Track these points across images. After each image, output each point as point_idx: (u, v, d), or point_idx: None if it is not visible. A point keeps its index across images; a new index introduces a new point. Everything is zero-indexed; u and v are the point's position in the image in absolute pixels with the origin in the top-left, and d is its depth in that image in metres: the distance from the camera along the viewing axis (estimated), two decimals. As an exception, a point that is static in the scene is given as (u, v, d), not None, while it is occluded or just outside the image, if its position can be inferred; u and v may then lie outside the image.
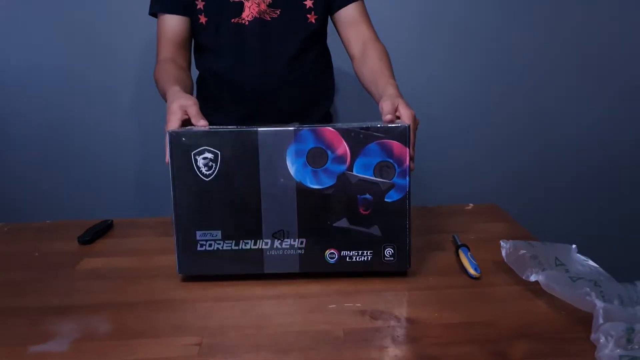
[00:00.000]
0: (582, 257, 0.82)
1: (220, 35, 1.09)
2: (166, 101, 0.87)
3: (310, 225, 0.78)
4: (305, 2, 1.09)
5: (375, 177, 0.76)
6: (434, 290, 0.78)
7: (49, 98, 1.66)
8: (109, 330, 0.68)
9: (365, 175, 0.76)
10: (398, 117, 0.81)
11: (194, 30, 1.11)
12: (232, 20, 1.07)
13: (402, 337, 0.65)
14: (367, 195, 0.77)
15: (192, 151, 0.76)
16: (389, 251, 0.79)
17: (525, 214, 1.42)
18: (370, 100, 1.10)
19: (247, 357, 0.62)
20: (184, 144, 0.76)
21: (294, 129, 0.76)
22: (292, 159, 0.76)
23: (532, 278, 0.74)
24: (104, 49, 1.64)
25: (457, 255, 0.88)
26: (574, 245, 0.84)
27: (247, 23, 1.07)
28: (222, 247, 0.79)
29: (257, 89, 1.11)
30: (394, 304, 0.73)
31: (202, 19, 1.08)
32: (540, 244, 0.83)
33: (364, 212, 0.78)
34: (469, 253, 0.86)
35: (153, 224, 1.07)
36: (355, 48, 1.10)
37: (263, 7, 1.06)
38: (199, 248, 0.79)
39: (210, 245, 0.79)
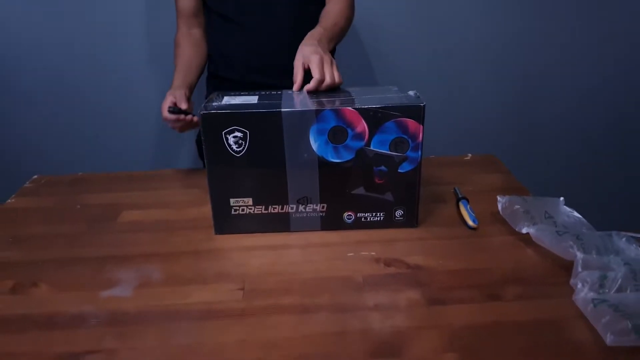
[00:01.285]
0: (568, 209, 0.93)
1: (225, 2, 1.16)
2: None
3: (331, 192, 0.88)
4: None
5: (391, 151, 0.84)
6: (437, 240, 0.88)
7: (58, 50, 1.66)
8: (161, 277, 0.79)
9: (381, 150, 0.84)
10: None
11: None
12: None
13: (413, 283, 0.77)
14: (383, 167, 0.86)
15: (223, 130, 0.83)
16: (399, 212, 0.90)
17: (519, 161, 1.51)
18: (369, 53, 1.07)
19: (287, 300, 0.73)
20: (215, 124, 0.82)
21: (316, 109, 0.82)
22: (314, 136, 0.83)
23: (524, 230, 0.86)
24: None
25: (458, 207, 0.98)
26: (561, 198, 0.95)
27: None
28: (254, 211, 0.88)
29: (262, 50, 1.19)
30: (403, 252, 0.84)
31: None
32: (532, 199, 0.93)
33: (379, 182, 0.87)
34: (468, 205, 0.96)
35: (179, 176, 1.16)
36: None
37: None
38: (232, 212, 0.88)
39: (242, 210, 0.88)
